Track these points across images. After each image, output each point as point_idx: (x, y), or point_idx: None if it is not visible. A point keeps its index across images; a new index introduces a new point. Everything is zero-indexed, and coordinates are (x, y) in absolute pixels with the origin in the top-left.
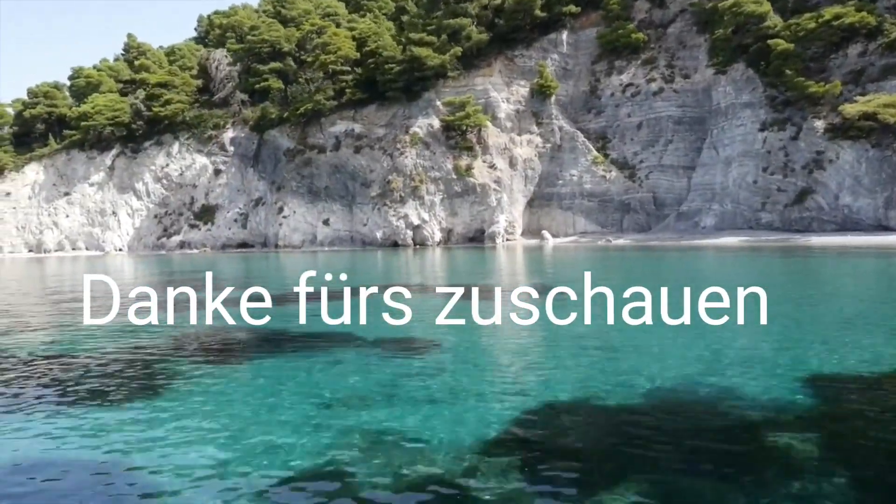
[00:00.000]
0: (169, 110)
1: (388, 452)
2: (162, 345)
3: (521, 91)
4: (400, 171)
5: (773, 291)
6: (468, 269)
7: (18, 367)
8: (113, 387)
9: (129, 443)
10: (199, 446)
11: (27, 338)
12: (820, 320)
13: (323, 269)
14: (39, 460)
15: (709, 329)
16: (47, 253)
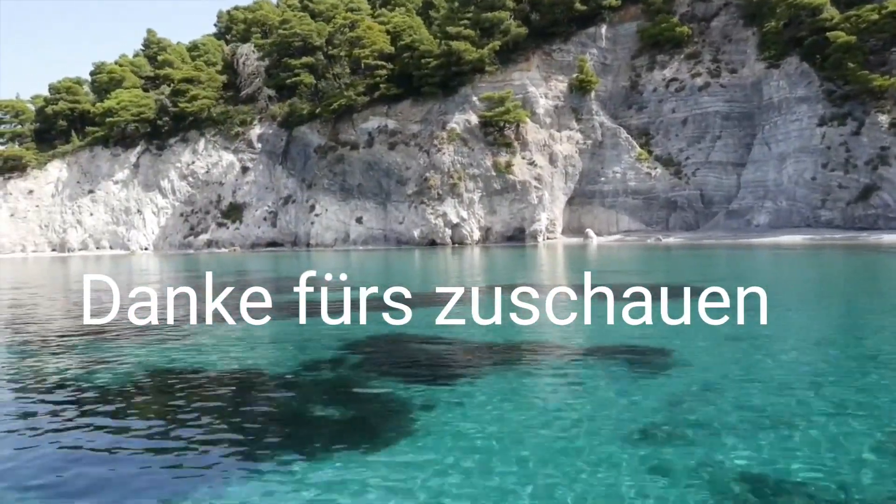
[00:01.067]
0: (195, 106)
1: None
2: (374, 356)
3: (559, 86)
4: (437, 168)
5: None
6: (561, 267)
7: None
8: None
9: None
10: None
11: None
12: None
13: (411, 268)
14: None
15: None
16: (71, 252)
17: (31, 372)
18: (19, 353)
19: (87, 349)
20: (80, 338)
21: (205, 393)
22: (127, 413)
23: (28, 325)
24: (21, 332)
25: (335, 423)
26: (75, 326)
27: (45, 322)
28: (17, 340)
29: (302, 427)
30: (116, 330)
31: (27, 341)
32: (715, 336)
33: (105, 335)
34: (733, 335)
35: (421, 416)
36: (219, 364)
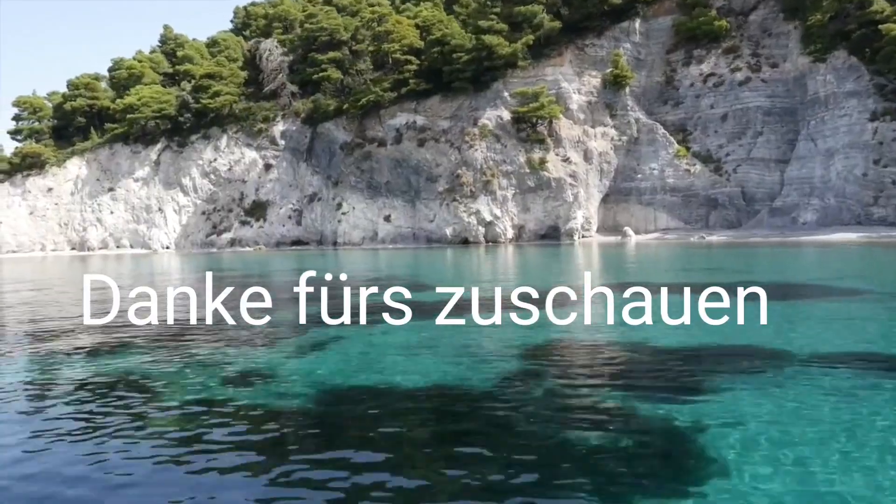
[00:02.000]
0: (218, 102)
1: None
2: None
3: (592, 82)
4: (469, 164)
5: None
6: (642, 266)
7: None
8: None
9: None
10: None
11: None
12: None
13: (487, 267)
14: None
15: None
16: (91, 251)
17: (85, 372)
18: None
19: (199, 351)
20: (201, 335)
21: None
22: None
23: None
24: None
25: (606, 455)
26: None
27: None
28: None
29: (573, 462)
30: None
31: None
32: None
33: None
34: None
35: (700, 438)
36: (425, 374)
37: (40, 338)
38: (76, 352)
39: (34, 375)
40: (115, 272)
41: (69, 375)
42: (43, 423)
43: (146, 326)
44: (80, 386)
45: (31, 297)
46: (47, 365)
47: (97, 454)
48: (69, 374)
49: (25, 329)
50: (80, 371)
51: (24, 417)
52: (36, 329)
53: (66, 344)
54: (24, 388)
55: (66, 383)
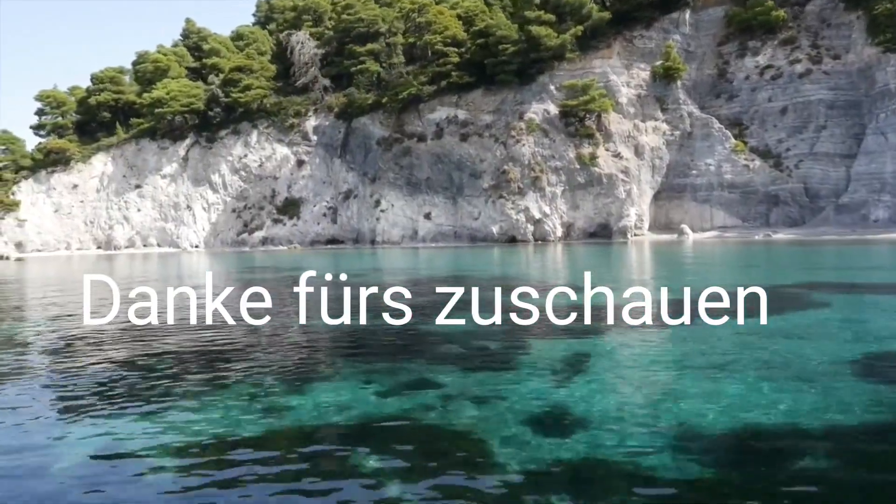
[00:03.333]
0: (249, 96)
1: None
2: None
3: (641, 74)
4: (516, 160)
5: None
6: (742, 266)
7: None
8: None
9: None
10: None
11: None
12: None
13: (567, 266)
14: None
15: None
16: (117, 250)
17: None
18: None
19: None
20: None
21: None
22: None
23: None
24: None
25: None
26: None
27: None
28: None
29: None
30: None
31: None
32: None
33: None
34: None
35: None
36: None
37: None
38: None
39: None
40: (193, 272)
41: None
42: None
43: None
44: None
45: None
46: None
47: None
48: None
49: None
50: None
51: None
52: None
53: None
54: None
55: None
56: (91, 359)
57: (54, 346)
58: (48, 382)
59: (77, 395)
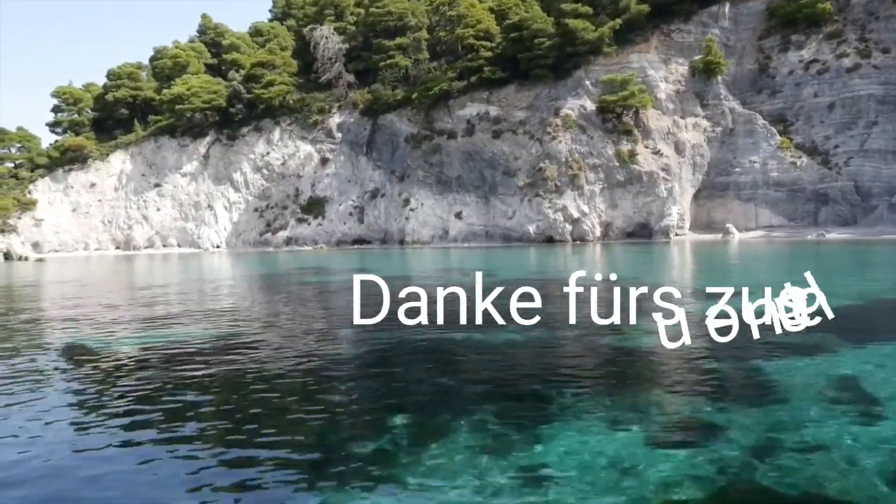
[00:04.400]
0: (272, 92)
1: None
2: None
3: (679, 69)
4: (553, 157)
5: None
6: (835, 270)
7: None
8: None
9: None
10: None
11: None
12: None
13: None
14: None
15: None
16: (136, 250)
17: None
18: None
19: None
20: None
21: None
22: None
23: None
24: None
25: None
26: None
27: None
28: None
29: None
30: None
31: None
32: None
33: None
34: None
35: None
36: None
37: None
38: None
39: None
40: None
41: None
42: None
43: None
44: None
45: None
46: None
47: None
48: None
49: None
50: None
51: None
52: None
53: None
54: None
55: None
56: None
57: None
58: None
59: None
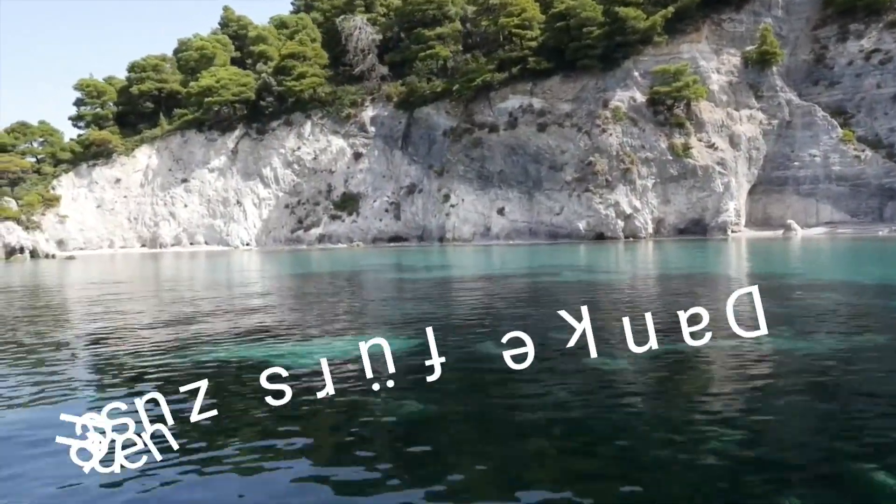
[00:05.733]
0: (303, 84)
1: None
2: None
3: (732, 60)
4: (603, 151)
5: None
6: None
7: None
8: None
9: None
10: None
11: None
12: None
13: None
14: None
15: None
16: (163, 248)
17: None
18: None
19: None
20: None
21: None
22: None
23: None
24: None
25: None
26: None
27: None
28: None
29: None
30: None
31: None
32: None
33: None
34: None
35: None
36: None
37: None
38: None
39: None
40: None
41: None
42: None
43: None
44: None
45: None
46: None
47: None
48: None
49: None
50: None
51: None
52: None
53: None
54: None
55: None
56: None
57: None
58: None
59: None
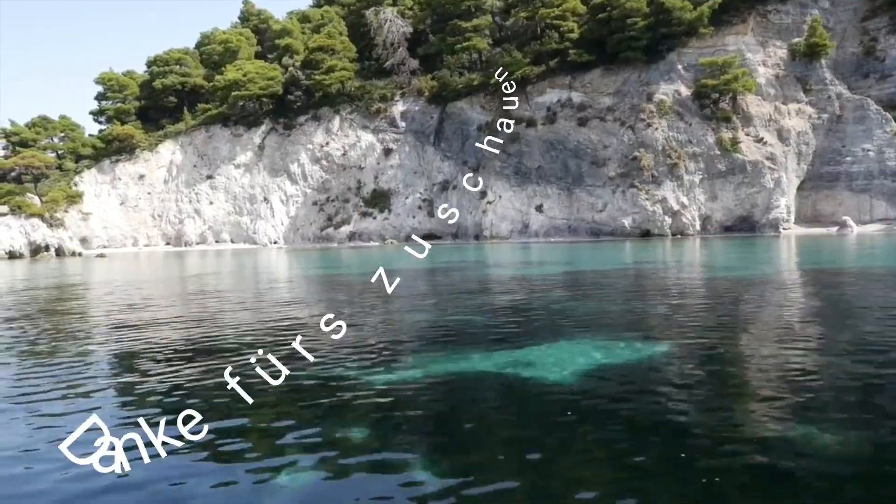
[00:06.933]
0: (333, 78)
1: None
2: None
3: (778, 52)
4: (648, 146)
5: None
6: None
7: None
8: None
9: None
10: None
11: None
12: None
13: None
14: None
15: None
16: (188, 246)
17: None
18: None
19: None
20: None
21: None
22: None
23: None
24: None
25: None
26: None
27: None
28: None
29: None
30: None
31: None
32: None
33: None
34: None
35: None
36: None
37: None
38: None
39: None
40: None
41: None
42: None
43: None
44: None
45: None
46: None
47: None
48: None
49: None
50: None
51: None
52: None
53: None
54: None
55: None
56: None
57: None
58: None
59: None
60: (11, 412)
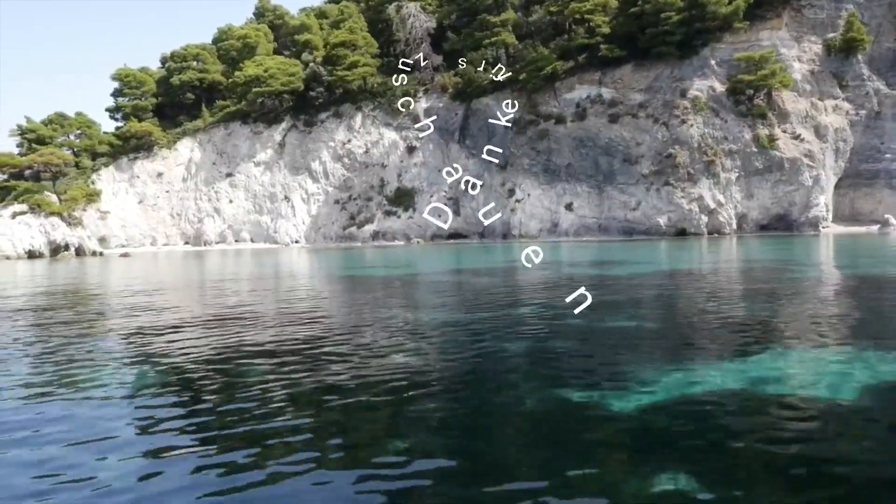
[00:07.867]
0: (355, 74)
1: None
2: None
3: (813, 48)
4: (683, 143)
5: None
6: None
7: None
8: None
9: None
10: None
11: None
12: None
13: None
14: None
15: None
16: (207, 245)
17: None
18: None
19: None
20: None
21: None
22: None
23: None
24: None
25: None
26: None
27: None
28: None
29: None
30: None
31: None
32: None
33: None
34: None
35: None
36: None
37: None
38: None
39: None
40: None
41: None
42: None
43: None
44: None
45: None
46: None
47: None
48: None
49: None
50: None
51: None
52: None
53: None
54: None
55: None
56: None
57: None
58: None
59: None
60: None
